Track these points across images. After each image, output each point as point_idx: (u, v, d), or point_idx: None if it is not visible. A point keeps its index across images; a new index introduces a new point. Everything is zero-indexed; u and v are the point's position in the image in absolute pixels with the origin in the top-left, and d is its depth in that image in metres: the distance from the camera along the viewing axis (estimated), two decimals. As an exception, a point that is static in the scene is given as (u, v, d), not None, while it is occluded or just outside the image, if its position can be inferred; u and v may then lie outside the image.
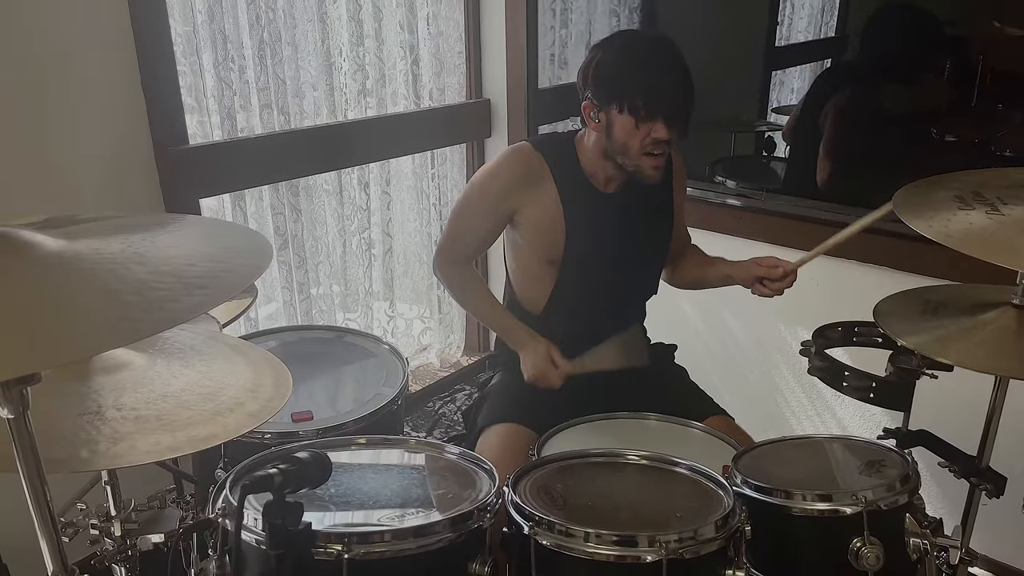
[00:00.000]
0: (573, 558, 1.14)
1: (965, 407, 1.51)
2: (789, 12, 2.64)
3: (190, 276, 0.83)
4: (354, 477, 1.29)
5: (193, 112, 2.21)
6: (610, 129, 1.63)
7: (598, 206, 1.73)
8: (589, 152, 1.72)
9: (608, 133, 1.64)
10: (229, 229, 1.07)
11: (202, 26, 2.18)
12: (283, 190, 2.45)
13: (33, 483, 0.89)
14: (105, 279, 0.81)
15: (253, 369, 1.26)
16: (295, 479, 0.98)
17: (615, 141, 1.64)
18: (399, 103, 2.75)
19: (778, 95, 2.75)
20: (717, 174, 2.67)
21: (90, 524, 1.31)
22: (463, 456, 1.36)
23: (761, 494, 1.31)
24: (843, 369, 1.56)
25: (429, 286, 3.06)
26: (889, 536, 1.28)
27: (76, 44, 1.86)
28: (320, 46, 2.45)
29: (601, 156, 1.70)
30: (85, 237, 0.89)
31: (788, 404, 2.57)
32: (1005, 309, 1.37)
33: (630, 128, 1.60)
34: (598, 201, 1.73)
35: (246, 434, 1.12)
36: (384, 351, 1.89)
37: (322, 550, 1.06)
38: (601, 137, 1.67)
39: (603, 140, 1.66)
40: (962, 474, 1.46)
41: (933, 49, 2.29)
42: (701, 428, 1.65)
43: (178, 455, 1.10)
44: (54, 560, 0.94)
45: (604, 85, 1.62)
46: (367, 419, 1.61)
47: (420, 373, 3.11)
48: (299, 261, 2.54)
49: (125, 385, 1.16)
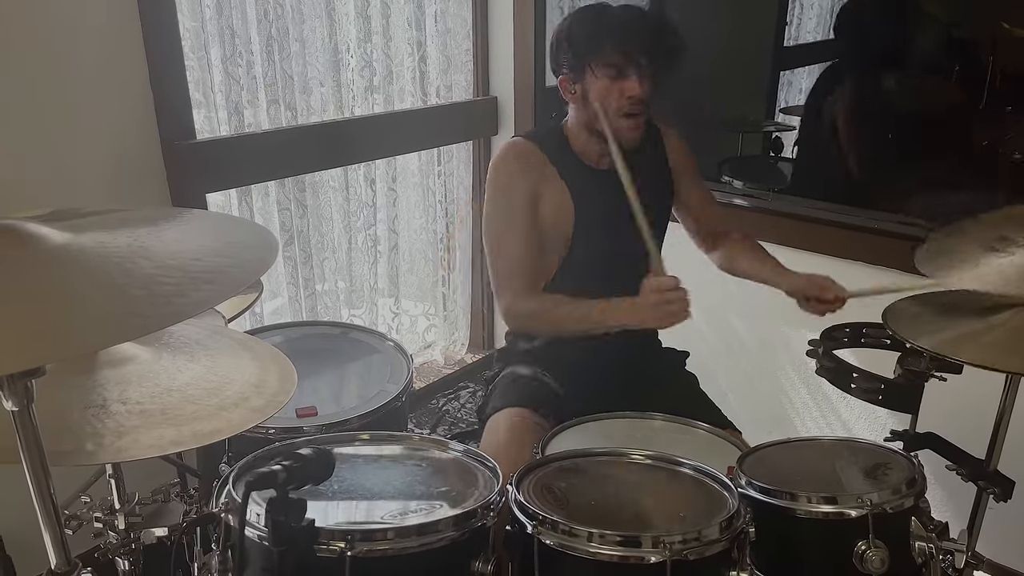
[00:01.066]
0: (576, 558, 1.13)
1: (973, 410, 1.50)
2: (798, 12, 2.63)
3: (196, 271, 0.83)
4: (357, 474, 1.28)
5: (200, 107, 2.21)
6: (586, 97, 1.65)
7: (596, 183, 1.73)
8: (576, 132, 1.75)
9: (585, 102, 1.66)
10: (235, 224, 1.06)
11: (210, 21, 2.18)
12: (289, 186, 2.45)
13: (37, 476, 0.89)
14: (111, 273, 0.81)
15: (258, 364, 1.26)
16: (299, 475, 0.98)
17: (592, 108, 1.65)
18: (406, 100, 2.75)
19: (786, 95, 2.74)
20: (724, 174, 2.67)
21: (94, 517, 1.32)
22: (467, 453, 1.35)
23: (765, 496, 1.30)
24: (851, 371, 1.56)
25: (434, 283, 3.05)
26: (894, 539, 1.27)
27: (85, 39, 1.86)
28: (328, 42, 2.45)
29: (586, 132, 1.72)
30: (91, 230, 0.89)
31: (793, 405, 2.56)
32: (1018, 310, 1.36)
33: (604, 90, 1.62)
34: (595, 178, 1.73)
35: (250, 429, 1.12)
36: (389, 348, 1.89)
37: (325, 547, 1.05)
38: (581, 111, 1.69)
39: (583, 113, 1.69)
40: (970, 478, 1.45)
41: (942, 51, 2.28)
42: (706, 428, 1.64)
43: (182, 450, 1.10)
44: (57, 553, 0.94)
45: (574, 52, 1.64)
46: (371, 415, 1.61)
47: (424, 370, 3.11)
48: (305, 257, 2.54)
49: (130, 379, 1.16)
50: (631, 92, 1.62)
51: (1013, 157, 2.18)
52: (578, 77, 1.65)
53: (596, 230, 1.75)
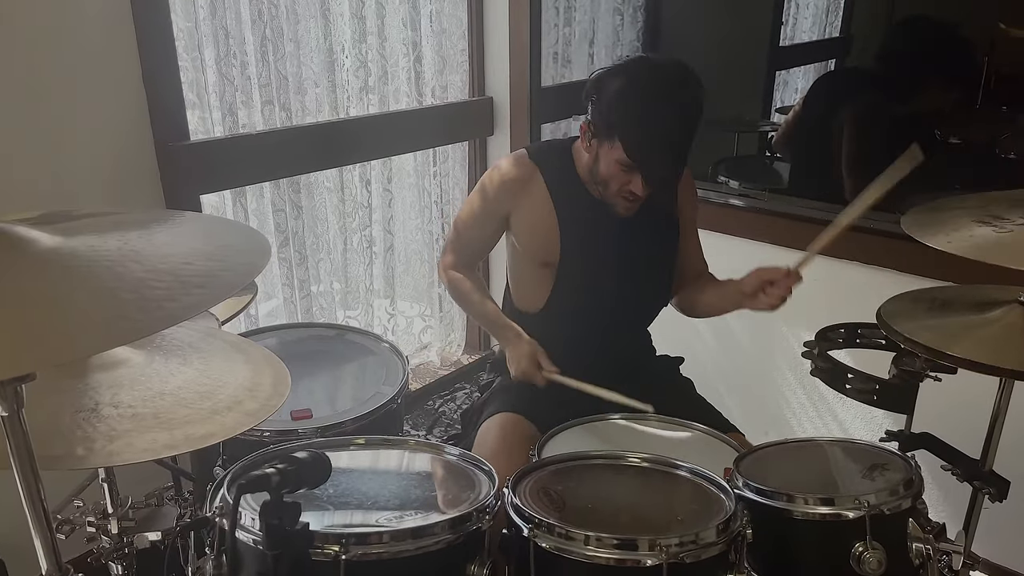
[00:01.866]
0: (573, 561, 1.13)
1: (968, 410, 1.50)
2: (794, 12, 2.64)
3: (187, 275, 0.82)
4: (352, 477, 1.28)
5: (195, 108, 2.20)
6: (597, 159, 1.66)
7: (595, 212, 1.73)
8: (583, 163, 1.74)
9: (595, 160, 1.67)
10: (227, 227, 1.06)
11: (204, 21, 2.17)
12: (284, 187, 2.44)
13: (27, 481, 0.89)
14: (102, 277, 0.81)
15: (252, 367, 1.25)
16: (293, 479, 0.97)
17: (598, 172, 1.67)
18: (401, 100, 2.74)
19: (782, 95, 2.74)
20: (720, 174, 2.66)
21: (87, 521, 1.31)
22: (462, 457, 1.35)
23: (763, 497, 1.30)
24: (846, 371, 1.55)
25: (430, 284, 3.05)
26: (891, 541, 1.26)
27: (78, 40, 1.85)
28: (322, 42, 2.44)
29: (590, 170, 1.71)
30: (81, 234, 0.88)
31: (789, 405, 2.56)
32: (1012, 307, 1.37)
33: (613, 169, 1.62)
34: (595, 207, 1.73)
35: (244, 432, 1.11)
36: (384, 349, 1.89)
37: (319, 551, 1.04)
38: (591, 161, 1.69)
39: (590, 160, 1.69)
40: (965, 478, 1.45)
41: (937, 51, 2.28)
42: (702, 430, 1.64)
43: (175, 454, 1.09)
44: (48, 559, 0.94)
45: (602, 116, 1.62)
46: (366, 418, 1.60)
47: (420, 371, 3.10)
48: (300, 258, 2.53)
49: (122, 382, 1.15)
50: (634, 189, 1.62)
51: (1008, 157, 2.19)
52: (599, 138, 1.64)
53: (588, 259, 1.76)
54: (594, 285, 1.77)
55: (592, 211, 1.73)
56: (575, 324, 1.79)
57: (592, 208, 1.73)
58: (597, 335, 1.79)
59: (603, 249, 1.75)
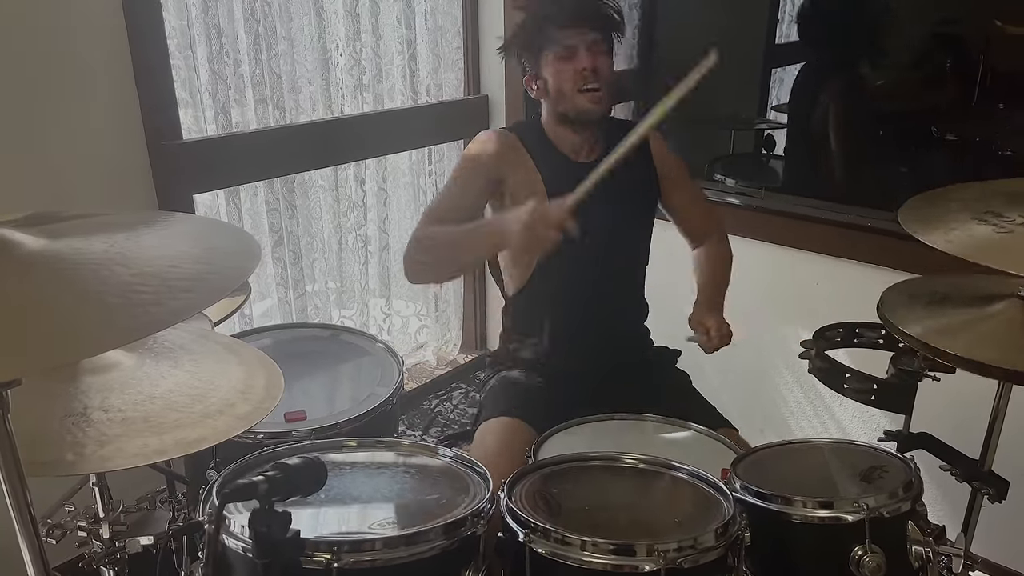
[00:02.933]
0: (569, 567, 1.12)
1: (967, 410, 1.49)
2: (789, 9, 2.62)
3: (174, 278, 0.81)
4: (345, 481, 1.26)
5: (187, 106, 2.18)
6: (547, 85, 1.73)
7: (574, 175, 1.71)
8: (551, 126, 1.79)
9: (547, 91, 1.73)
10: (216, 229, 1.04)
11: (196, 19, 2.15)
12: (278, 186, 2.42)
13: (14, 488, 0.87)
14: (87, 280, 0.79)
15: (245, 369, 1.23)
16: (283, 487, 0.95)
17: (553, 93, 1.72)
18: (396, 99, 2.72)
19: (778, 92, 2.72)
20: (716, 172, 2.65)
21: (78, 526, 1.29)
22: (457, 460, 1.33)
23: (761, 500, 1.28)
24: (844, 371, 1.54)
25: (426, 284, 3.03)
26: (891, 544, 1.25)
27: (69, 38, 1.83)
28: (316, 41, 2.43)
29: (558, 123, 1.77)
30: (67, 236, 0.87)
31: (787, 404, 2.54)
32: (1012, 301, 1.35)
33: (559, 70, 1.70)
34: (574, 170, 1.71)
35: (238, 434, 1.10)
36: (379, 350, 1.87)
37: (311, 558, 1.03)
38: (549, 102, 1.76)
39: (551, 103, 1.75)
40: (964, 478, 1.44)
41: (934, 48, 2.28)
42: (699, 430, 1.62)
43: (166, 459, 1.08)
44: (35, 565, 0.92)
45: (527, 44, 1.74)
46: (361, 419, 1.59)
47: (416, 371, 3.09)
48: (294, 258, 2.51)
49: (112, 386, 1.13)
50: (582, 65, 1.68)
51: (1005, 153, 2.18)
52: (537, 71, 1.74)
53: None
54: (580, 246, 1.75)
55: (571, 172, 1.68)
56: (568, 288, 1.79)
57: (571, 170, 1.72)
58: (588, 296, 1.79)
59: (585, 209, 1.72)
